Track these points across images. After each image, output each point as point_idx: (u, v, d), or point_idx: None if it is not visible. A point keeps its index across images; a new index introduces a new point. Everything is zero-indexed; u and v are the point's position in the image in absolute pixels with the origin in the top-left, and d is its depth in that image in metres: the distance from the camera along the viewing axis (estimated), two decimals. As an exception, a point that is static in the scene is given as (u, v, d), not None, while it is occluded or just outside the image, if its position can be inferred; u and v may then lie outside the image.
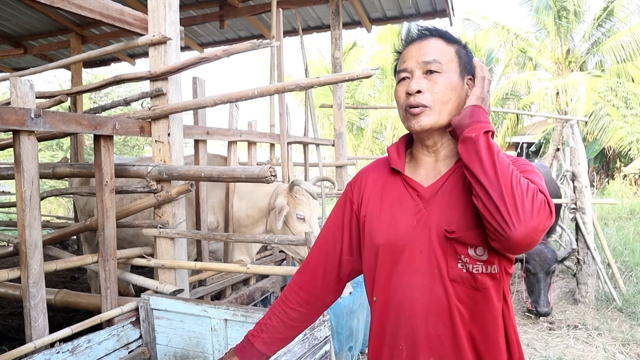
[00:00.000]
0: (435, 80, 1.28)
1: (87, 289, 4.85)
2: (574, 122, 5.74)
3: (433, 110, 1.28)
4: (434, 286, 1.27)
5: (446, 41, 1.34)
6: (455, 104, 1.30)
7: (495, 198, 1.12)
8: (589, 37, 17.07)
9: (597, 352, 4.32)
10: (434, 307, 1.27)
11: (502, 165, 1.14)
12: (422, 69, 1.30)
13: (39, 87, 2.57)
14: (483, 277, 1.23)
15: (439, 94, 1.28)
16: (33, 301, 2.27)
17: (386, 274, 1.35)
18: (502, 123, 18.85)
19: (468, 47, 1.39)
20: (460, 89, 1.31)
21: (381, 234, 1.35)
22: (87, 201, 4.26)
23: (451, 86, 1.29)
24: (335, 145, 6.32)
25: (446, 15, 6.60)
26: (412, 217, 1.31)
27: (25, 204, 2.22)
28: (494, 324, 1.26)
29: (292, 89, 2.47)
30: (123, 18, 2.80)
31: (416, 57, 1.32)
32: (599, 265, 5.59)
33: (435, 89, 1.28)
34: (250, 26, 7.33)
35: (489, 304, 1.25)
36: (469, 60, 1.35)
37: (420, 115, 1.29)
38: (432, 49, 1.31)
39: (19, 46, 7.70)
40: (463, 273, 1.24)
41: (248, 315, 2.47)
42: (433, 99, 1.28)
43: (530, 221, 1.09)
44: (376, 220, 1.38)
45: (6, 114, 2.08)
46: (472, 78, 1.34)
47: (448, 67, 1.30)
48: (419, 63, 1.31)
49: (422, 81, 1.29)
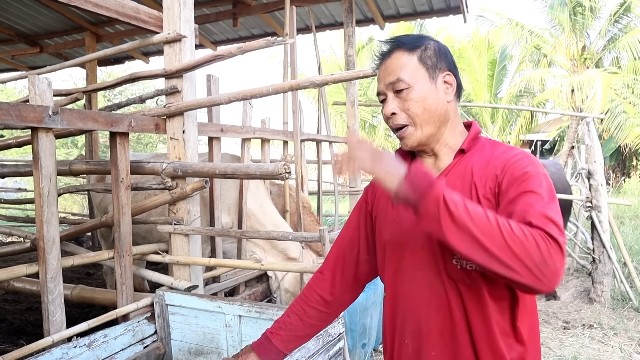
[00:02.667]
0: (404, 98, 1.29)
1: (101, 284, 4.90)
2: (589, 119, 5.67)
3: (414, 126, 1.30)
4: (434, 281, 1.29)
5: (408, 50, 1.32)
6: (431, 111, 1.30)
7: (497, 268, 1.03)
8: (605, 34, 16.86)
9: (613, 352, 4.27)
10: (435, 301, 1.29)
11: (482, 227, 1.02)
12: (391, 89, 1.31)
13: (55, 86, 2.61)
14: (476, 274, 1.23)
15: (412, 110, 1.29)
16: (51, 296, 2.30)
17: (393, 270, 1.38)
18: (516, 121, 18.68)
19: (433, 44, 1.34)
20: (433, 95, 1.30)
21: (387, 230, 1.40)
22: (102, 198, 4.30)
23: (421, 97, 1.29)
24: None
25: (460, 12, 6.56)
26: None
27: (43, 200, 2.25)
28: (490, 320, 1.25)
29: (307, 86, 2.47)
30: (138, 16, 2.82)
31: (384, 79, 1.33)
32: (614, 264, 5.52)
33: (407, 105, 1.29)
34: (263, 24, 7.34)
35: (482, 301, 1.25)
36: (439, 57, 1.32)
37: (405, 137, 1.32)
38: (394, 67, 1.31)
39: (35, 45, 7.79)
40: (458, 269, 1.25)
41: (262, 311, 2.48)
42: (407, 116, 1.30)
43: (546, 270, 1.00)
44: (384, 218, 1.42)
45: (25, 111, 2.11)
46: (450, 71, 1.33)
47: (413, 78, 1.29)
48: (386, 85, 1.32)
49: (393, 103, 1.31)
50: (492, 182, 1.23)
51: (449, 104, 1.33)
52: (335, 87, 17.64)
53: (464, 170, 1.30)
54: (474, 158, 1.31)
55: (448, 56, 1.35)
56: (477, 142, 1.35)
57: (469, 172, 1.28)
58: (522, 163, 1.22)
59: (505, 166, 1.23)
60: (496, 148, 1.32)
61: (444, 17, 6.78)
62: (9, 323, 4.48)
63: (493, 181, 1.23)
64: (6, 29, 7.21)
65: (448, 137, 1.35)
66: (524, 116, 18.23)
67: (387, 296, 1.42)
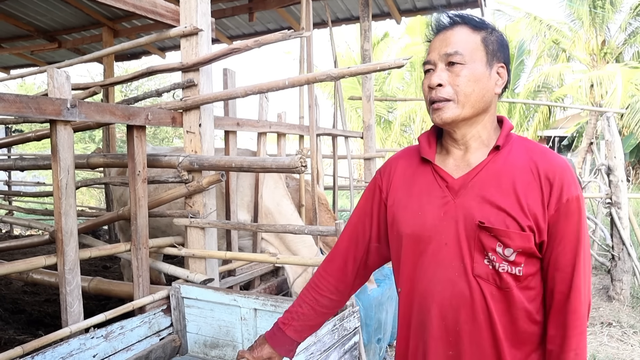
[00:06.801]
0: (457, 73, 1.25)
1: (118, 278, 4.94)
2: (610, 114, 5.57)
3: (456, 103, 1.26)
4: (457, 281, 1.25)
5: (472, 29, 1.28)
6: (479, 95, 1.26)
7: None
8: (625, 27, 16.53)
9: (633, 351, 4.21)
10: (455, 302, 1.26)
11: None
12: (445, 60, 1.27)
13: (73, 81, 2.65)
14: (507, 276, 1.21)
15: (460, 87, 1.25)
16: (69, 287, 2.33)
17: (411, 265, 1.34)
18: (534, 116, 18.44)
19: (498, 33, 1.32)
20: (485, 80, 1.26)
21: (407, 223, 1.34)
22: (123, 192, 4.33)
23: (474, 77, 1.25)
24: (364, 137, 6.28)
25: (477, 6, 6.47)
26: (439, 208, 1.29)
27: (61, 192, 2.27)
28: (517, 322, 1.24)
29: (323, 79, 2.45)
30: (155, 10, 2.83)
31: (439, 49, 1.28)
32: (634, 262, 5.43)
33: (457, 81, 1.25)
34: (279, 18, 7.33)
35: (512, 304, 1.23)
36: (500, 47, 1.30)
37: (441, 109, 1.27)
38: (455, 40, 1.27)
39: (54, 40, 7.87)
40: (489, 270, 1.23)
41: (277, 305, 2.48)
42: (454, 92, 1.25)
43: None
44: (403, 209, 1.37)
45: (44, 104, 2.13)
46: (505, 65, 1.30)
47: (472, 57, 1.25)
48: (441, 55, 1.27)
49: (443, 74, 1.26)
50: (537, 193, 1.22)
51: (495, 96, 1.30)
52: (350, 82, 17.56)
53: (500, 170, 1.26)
54: (511, 158, 1.27)
55: (507, 50, 1.32)
56: (510, 138, 1.31)
57: (507, 174, 1.25)
58: (569, 185, 1.22)
59: (552, 179, 1.22)
60: (530, 147, 1.29)
61: (462, 10, 6.70)
62: (28, 314, 4.55)
63: (537, 192, 1.22)
64: (25, 24, 7.30)
65: (482, 130, 1.31)
66: (542, 112, 17.98)
67: (402, 292, 1.39)
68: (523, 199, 1.21)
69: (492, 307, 1.23)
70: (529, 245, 1.20)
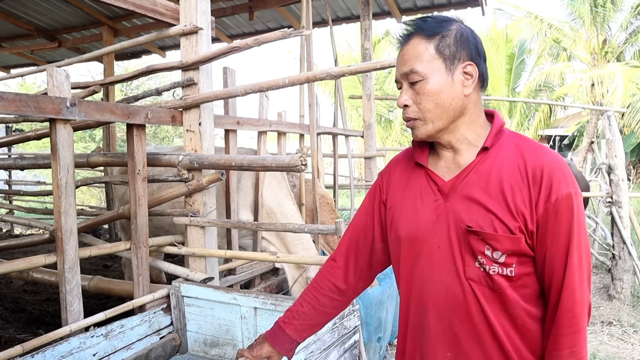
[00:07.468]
0: (417, 90, 1.25)
1: (119, 276, 4.95)
2: (610, 113, 5.57)
3: (423, 121, 1.26)
4: (450, 283, 1.26)
5: (426, 37, 1.24)
6: (445, 106, 1.24)
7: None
8: (626, 26, 16.48)
9: (633, 350, 4.21)
10: (450, 304, 1.26)
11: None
12: (406, 80, 1.27)
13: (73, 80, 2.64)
14: (499, 277, 1.21)
15: (423, 104, 1.24)
16: (69, 286, 2.33)
17: (408, 267, 1.35)
18: (534, 116, 18.40)
19: (455, 30, 1.25)
20: (448, 88, 1.23)
21: (403, 226, 1.35)
22: (125, 191, 4.32)
23: (435, 91, 1.23)
24: (365, 136, 6.28)
25: (478, 5, 6.46)
26: (432, 211, 1.29)
27: (61, 191, 2.27)
28: (517, 322, 1.24)
29: (323, 78, 2.45)
30: (155, 8, 2.82)
31: (400, 68, 1.28)
32: (635, 261, 5.43)
33: (419, 99, 1.25)
34: (280, 17, 7.32)
35: (507, 304, 1.23)
36: (459, 46, 1.24)
37: (414, 127, 1.29)
38: (410, 56, 1.25)
39: (54, 40, 7.87)
40: (480, 272, 1.22)
41: (277, 303, 2.48)
42: (419, 110, 1.26)
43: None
44: (399, 212, 1.37)
45: (43, 103, 2.13)
46: (473, 61, 1.25)
47: (428, 70, 1.23)
48: (401, 75, 1.28)
49: (408, 92, 1.27)
50: (525, 193, 1.19)
51: (468, 97, 1.25)
52: (351, 81, 17.55)
53: (489, 171, 1.23)
54: (500, 158, 1.24)
55: (470, 43, 1.25)
56: (500, 136, 1.28)
57: (495, 175, 1.22)
58: (558, 183, 1.18)
59: (540, 178, 1.18)
60: (523, 145, 1.25)
61: (462, 9, 6.68)
62: (29, 313, 4.55)
63: (526, 192, 1.19)
64: (25, 24, 7.30)
65: (466, 131, 1.28)
66: (543, 111, 17.94)
67: (401, 292, 1.40)
68: (511, 200, 1.19)
69: (486, 308, 1.22)
70: (518, 247, 1.19)
